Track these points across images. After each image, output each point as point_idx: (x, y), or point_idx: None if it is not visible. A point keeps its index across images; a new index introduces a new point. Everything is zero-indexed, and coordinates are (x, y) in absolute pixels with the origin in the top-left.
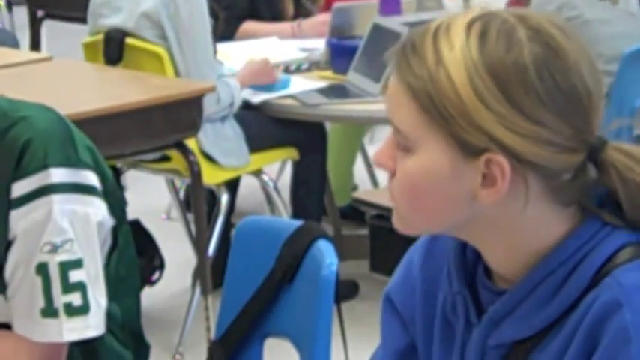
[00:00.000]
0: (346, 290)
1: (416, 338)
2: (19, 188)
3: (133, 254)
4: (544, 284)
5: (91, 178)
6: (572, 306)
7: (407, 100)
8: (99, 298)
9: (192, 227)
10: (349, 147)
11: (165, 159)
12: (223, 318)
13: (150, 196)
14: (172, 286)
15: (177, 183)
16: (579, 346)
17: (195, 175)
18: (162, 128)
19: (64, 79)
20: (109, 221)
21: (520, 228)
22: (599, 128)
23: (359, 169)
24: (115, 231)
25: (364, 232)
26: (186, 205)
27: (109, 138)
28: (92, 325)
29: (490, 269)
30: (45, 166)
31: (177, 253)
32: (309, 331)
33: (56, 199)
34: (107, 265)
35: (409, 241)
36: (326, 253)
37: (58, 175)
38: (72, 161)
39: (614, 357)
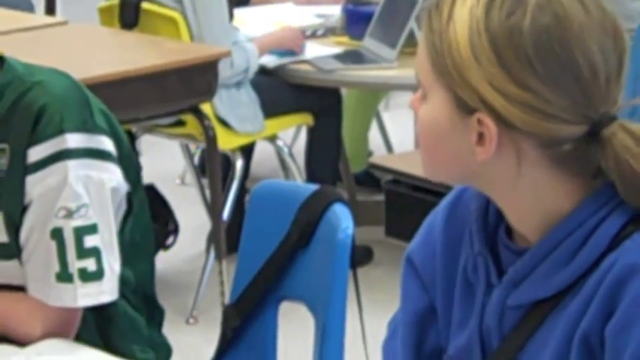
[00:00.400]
0: (360, 256)
1: (435, 300)
2: (35, 153)
3: (148, 219)
4: (563, 245)
5: (107, 143)
6: (591, 268)
7: (423, 51)
8: (113, 264)
9: (207, 192)
10: (364, 113)
11: (180, 123)
12: (238, 282)
13: (164, 160)
14: (186, 250)
15: (192, 148)
16: (598, 307)
17: (211, 139)
18: (177, 92)
19: (80, 43)
20: (124, 187)
21: (523, 190)
22: (613, 103)
23: (374, 135)
24: (130, 196)
25: (379, 198)
26: (200, 170)
27: (124, 102)
28: (106, 291)
29: (512, 230)
30: (61, 131)
31: (192, 217)
32: (325, 296)
33: (71, 164)
34: (122, 231)
35: (425, 205)
36: (342, 217)
37: (73, 140)
38: (88, 126)
39: (632, 319)
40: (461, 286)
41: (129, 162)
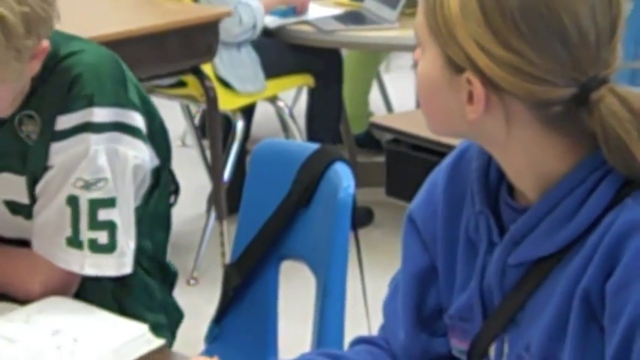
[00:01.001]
0: (361, 217)
1: (436, 260)
2: (63, 122)
3: (169, 191)
4: (563, 203)
5: (137, 120)
6: (592, 225)
7: (421, 7)
8: (128, 241)
9: (207, 153)
10: (365, 74)
11: (181, 84)
12: (239, 242)
13: (165, 122)
14: (187, 212)
15: (193, 109)
16: (599, 264)
17: (211, 100)
18: (178, 53)
19: (79, 3)
20: (150, 163)
21: (515, 150)
22: (604, 67)
23: (374, 97)
24: (159, 171)
25: (379, 159)
26: (201, 131)
27: (125, 61)
28: (114, 265)
29: (513, 189)
30: (90, 104)
31: (192, 179)
32: (326, 255)
33: (95, 138)
34: (146, 204)
35: (425, 165)
36: (343, 175)
37: (101, 114)
38: (120, 101)
39: (632, 275)
40: (463, 247)
41: (161, 137)
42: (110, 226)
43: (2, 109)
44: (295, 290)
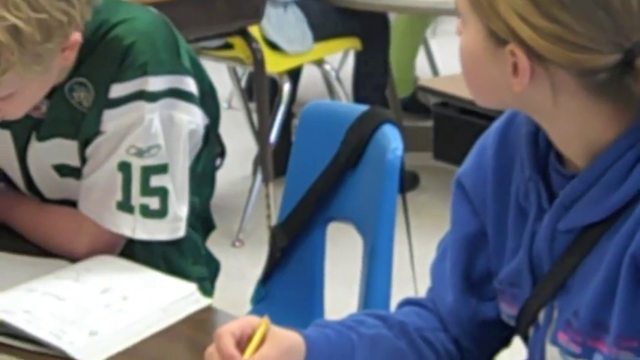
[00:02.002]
0: (407, 181)
1: (486, 224)
2: (117, 90)
3: (216, 150)
4: (613, 169)
5: (190, 85)
6: None
7: None
8: (180, 206)
9: (254, 116)
10: (412, 38)
11: (228, 46)
12: (286, 203)
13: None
14: (233, 174)
15: (240, 71)
16: None
17: (259, 62)
18: (225, 15)
19: None
20: (203, 126)
21: (562, 119)
22: None
23: (421, 62)
24: (208, 130)
25: (425, 123)
26: (247, 93)
27: (173, 24)
28: (165, 230)
29: (562, 155)
30: (144, 73)
31: (238, 141)
32: (373, 217)
33: (150, 106)
34: (196, 164)
35: (474, 128)
36: (391, 137)
37: (156, 83)
38: (174, 67)
39: None
40: (514, 212)
41: (210, 98)
42: (162, 192)
43: (36, 100)
44: (341, 254)
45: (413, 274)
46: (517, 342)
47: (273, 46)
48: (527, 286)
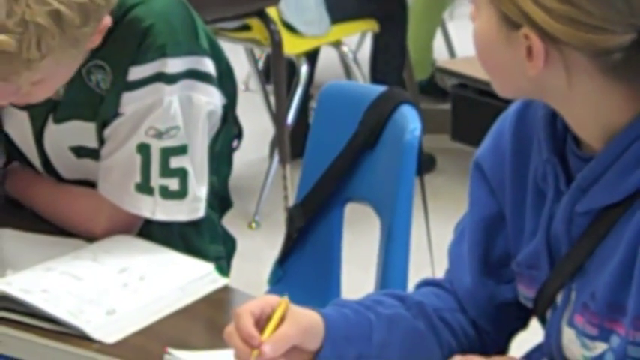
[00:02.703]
0: (424, 163)
1: (504, 206)
2: (136, 72)
3: (234, 130)
4: (630, 150)
5: (209, 65)
6: None
7: None
8: (200, 187)
9: (271, 98)
10: (430, 21)
11: (246, 28)
12: (304, 183)
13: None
14: (249, 156)
15: (257, 53)
16: None
17: (276, 44)
18: None
19: None
20: (221, 106)
21: (577, 101)
22: None
23: (438, 44)
24: (226, 109)
25: (442, 106)
26: (265, 75)
27: (190, 4)
28: (185, 211)
29: (579, 138)
30: (163, 55)
31: (255, 123)
32: (391, 197)
33: (169, 88)
34: (214, 143)
35: (491, 110)
36: (410, 118)
37: (174, 65)
38: (192, 49)
39: None
40: (532, 194)
41: (228, 78)
42: (181, 174)
43: (62, 83)
44: (359, 235)
45: (430, 256)
46: (534, 323)
47: (291, 28)
48: (544, 268)
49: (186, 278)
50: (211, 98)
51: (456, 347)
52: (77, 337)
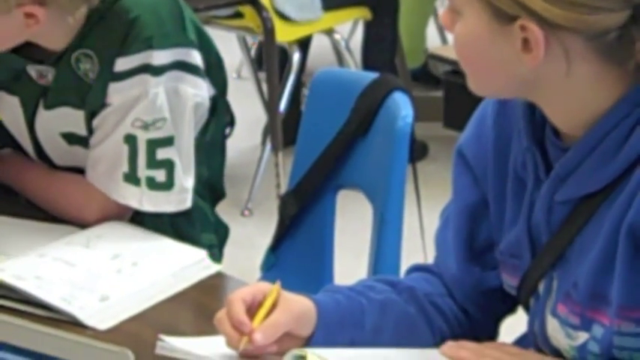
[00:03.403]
0: (416, 151)
1: (487, 194)
2: (122, 64)
3: (225, 119)
4: (608, 138)
5: (196, 57)
6: (637, 160)
7: None
8: (186, 178)
9: (263, 86)
10: (422, 8)
11: (238, 15)
12: (296, 170)
13: (221, 53)
14: (242, 143)
15: (249, 41)
16: None
17: (269, 31)
18: None
19: None
20: (209, 98)
21: (572, 88)
22: None
23: (431, 32)
24: (215, 100)
25: (434, 93)
26: (257, 63)
27: None
28: (172, 202)
29: (557, 129)
30: (149, 47)
31: (248, 111)
32: (383, 184)
33: (155, 80)
34: (204, 134)
35: (483, 97)
36: (402, 105)
37: (161, 56)
38: (179, 40)
39: None
40: (512, 183)
41: (217, 69)
42: (168, 165)
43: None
44: (351, 222)
45: (422, 243)
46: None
47: (283, 16)
48: (526, 257)
49: (179, 265)
50: (198, 90)
51: (447, 332)
52: (70, 323)
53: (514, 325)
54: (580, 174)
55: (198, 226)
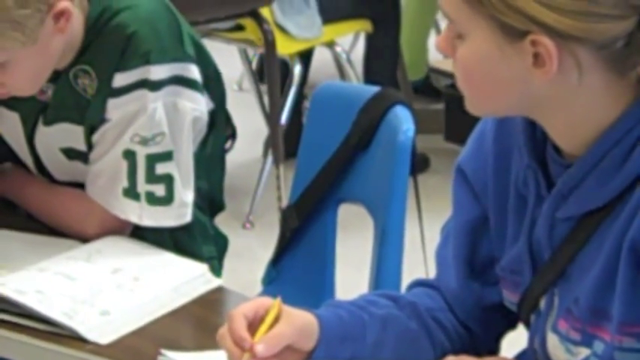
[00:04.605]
0: (418, 164)
1: (488, 210)
2: (120, 79)
3: (225, 133)
4: (610, 155)
5: (194, 72)
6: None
7: None
8: (186, 192)
9: (265, 98)
10: (423, 21)
11: (239, 28)
12: (297, 184)
13: (222, 66)
14: (243, 156)
15: (250, 53)
16: None
17: (270, 44)
18: None
19: None
20: (207, 112)
21: (580, 102)
22: None
23: (432, 44)
24: (214, 114)
25: (436, 106)
26: (258, 75)
27: (184, 4)
28: (172, 216)
29: (558, 146)
30: (147, 62)
31: (249, 123)
32: (385, 198)
33: (153, 95)
34: (203, 148)
35: None
36: (403, 119)
37: (159, 71)
38: (177, 55)
39: None
40: (514, 199)
41: (215, 83)
42: (167, 180)
43: (39, 74)
44: (352, 236)
45: (424, 256)
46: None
47: (284, 29)
48: (527, 273)
49: (180, 279)
50: (197, 105)
51: (448, 347)
52: (71, 338)
53: (516, 339)
54: (582, 191)
55: (198, 239)
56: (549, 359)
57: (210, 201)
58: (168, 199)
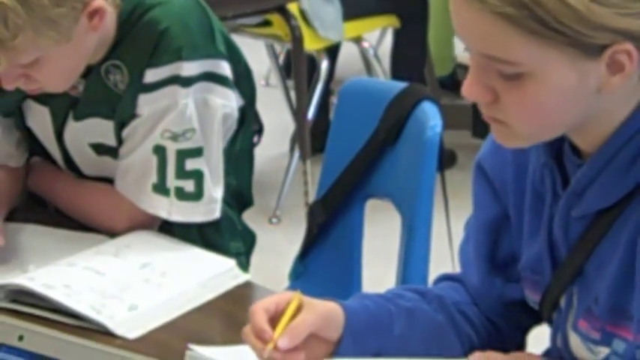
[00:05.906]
0: (444, 159)
1: (508, 207)
2: (151, 75)
3: (253, 128)
4: (623, 152)
5: (225, 68)
6: None
7: (504, 29)
8: (215, 189)
9: (291, 94)
10: (450, 17)
11: (267, 24)
12: (325, 179)
13: (249, 61)
14: (270, 151)
15: (278, 48)
16: None
17: (297, 39)
18: None
19: None
20: (237, 108)
21: (629, 99)
22: None
23: (459, 41)
24: (244, 110)
25: (463, 102)
26: (285, 71)
27: (212, 1)
28: (201, 212)
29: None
30: (178, 58)
31: (275, 119)
32: (412, 193)
33: (184, 91)
34: (232, 145)
35: None
36: (430, 114)
37: (190, 68)
38: (208, 52)
39: None
40: (530, 197)
41: (245, 79)
42: (197, 175)
43: (71, 71)
44: (379, 231)
45: (451, 251)
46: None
47: (312, 24)
48: (547, 272)
49: (208, 274)
50: (227, 101)
51: (475, 340)
52: (100, 332)
53: (542, 335)
54: (596, 189)
55: (226, 235)
56: (573, 357)
57: (238, 197)
58: (197, 195)
